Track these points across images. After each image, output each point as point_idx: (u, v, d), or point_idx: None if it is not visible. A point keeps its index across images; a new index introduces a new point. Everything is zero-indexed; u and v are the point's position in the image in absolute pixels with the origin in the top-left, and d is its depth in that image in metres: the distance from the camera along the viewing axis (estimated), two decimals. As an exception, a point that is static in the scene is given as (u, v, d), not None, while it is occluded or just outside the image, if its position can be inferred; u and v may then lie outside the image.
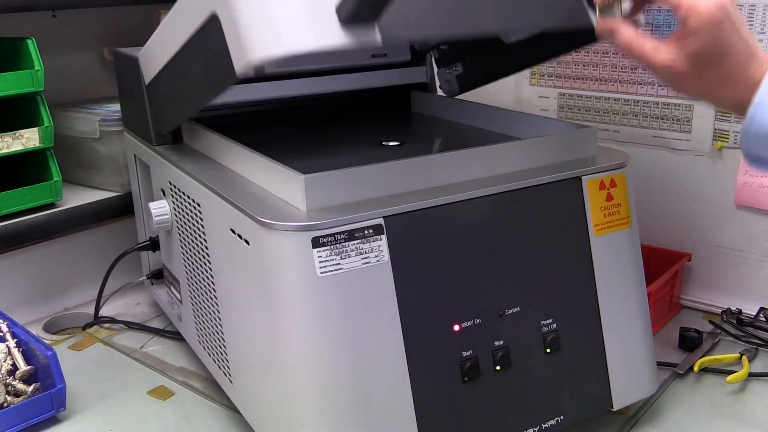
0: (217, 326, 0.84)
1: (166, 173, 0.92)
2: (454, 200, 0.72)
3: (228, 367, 0.83)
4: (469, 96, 1.08)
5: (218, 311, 0.82)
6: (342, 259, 0.67)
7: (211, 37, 0.70)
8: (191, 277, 0.90)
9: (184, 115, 0.89)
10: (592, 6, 0.74)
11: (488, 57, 1.02)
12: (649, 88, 1.12)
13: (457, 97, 1.09)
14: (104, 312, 1.14)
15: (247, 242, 0.71)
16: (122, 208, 1.18)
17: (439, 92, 1.17)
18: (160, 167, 0.94)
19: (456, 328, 0.72)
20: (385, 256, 0.69)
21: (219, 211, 0.77)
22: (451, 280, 0.72)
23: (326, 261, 0.66)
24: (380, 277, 0.68)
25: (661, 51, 0.66)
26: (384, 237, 0.69)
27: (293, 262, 0.66)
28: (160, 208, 0.92)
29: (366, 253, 0.68)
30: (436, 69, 1.12)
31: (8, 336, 0.91)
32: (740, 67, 0.64)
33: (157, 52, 0.87)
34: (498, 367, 0.74)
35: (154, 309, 1.17)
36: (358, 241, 0.67)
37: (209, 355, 0.90)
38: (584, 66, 1.18)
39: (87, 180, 1.23)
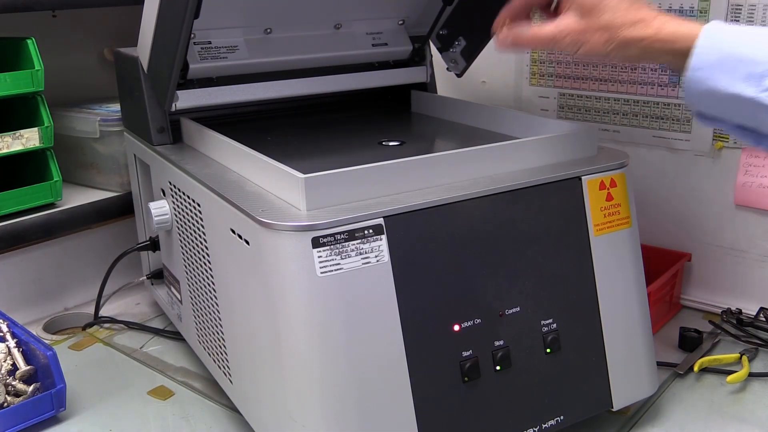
0: (217, 326, 0.84)
1: (166, 173, 0.92)
2: (454, 200, 0.72)
3: (228, 367, 0.83)
4: (469, 96, 1.08)
5: (218, 311, 0.82)
6: (342, 259, 0.67)
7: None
8: (191, 277, 0.90)
9: (179, 59, 0.85)
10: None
11: (482, 12, 1.02)
12: (649, 88, 1.12)
13: (456, 97, 1.09)
14: (104, 312, 1.14)
15: (247, 242, 0.71)
16: (122, 208, 1.18)
17: (440, 92, 1.17)
18: (160, 167, 0.94)
19: (456, 328, 0.72)
20: (385, 256, 0.69)
21: (219, 211, 0.77)
22: (451, 280, 0.72)
23: (326, 261, 0.66)
24: (380, 277, 0.68)
25: (547, 24, 0.72)
26: (384, 237, 0.69)
27: (293, 262, 0.66)
28: (160, 208, 0.92)
29: (366, 253, 0.68)
30: (438, 56, 1.11)
31: (8, 336, 0.91)
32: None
33: (145, 29, 0.88)
34: (498, 367, 0.74)
35: (154, 309, 1.17)
36: (358, 241, 0.67)
37: (209, 355, 0.90)
38: (584, 66, 1.18)
39: (87, 180, 1.23)
